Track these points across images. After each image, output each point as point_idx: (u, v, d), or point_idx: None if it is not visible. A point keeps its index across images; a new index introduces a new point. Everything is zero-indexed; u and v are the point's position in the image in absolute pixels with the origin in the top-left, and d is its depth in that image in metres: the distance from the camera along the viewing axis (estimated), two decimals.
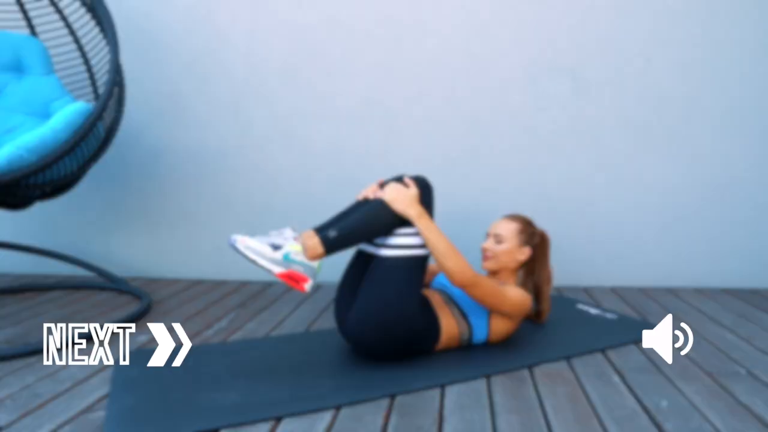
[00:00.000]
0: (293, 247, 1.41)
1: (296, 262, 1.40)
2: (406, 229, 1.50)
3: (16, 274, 2.70)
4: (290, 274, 1.39)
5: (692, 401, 1.29)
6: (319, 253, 1.43)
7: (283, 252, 1.39)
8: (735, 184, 2.33)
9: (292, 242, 1.42)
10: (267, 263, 1.38)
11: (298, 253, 1.41)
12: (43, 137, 1.83)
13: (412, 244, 1.49)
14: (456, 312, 1.59)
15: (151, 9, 2.49)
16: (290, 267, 1.40)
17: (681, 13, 2.28)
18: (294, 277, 1.40)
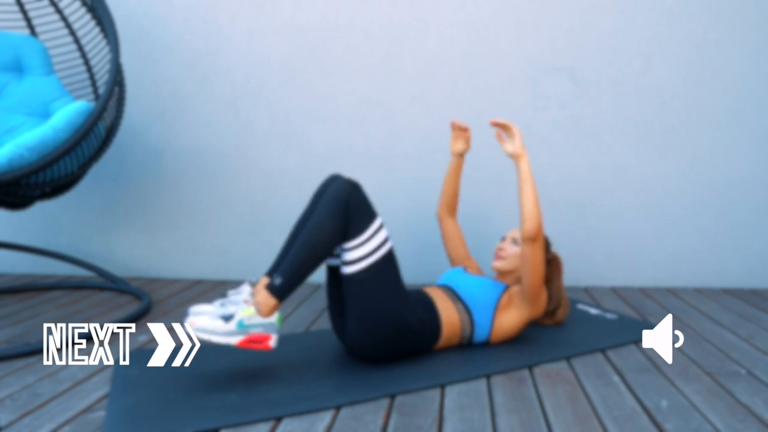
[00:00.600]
0: (245, 312, 1.35)
1: (253, 326, 1.35)
2: (356, 239, 1.43)
3: (16, 274, 2.70)
4: (249, 339, 1.35)
5: (692, 401, 1.29)
6: (273, 305, 1.37)
7: (236, 321, 1.34)
8: (735, 184, 2.33)
9: (243, 306, 1.36)
10: (222, 339, 1.32)
11: (252, 316, 1.36)
12: (44, 136, 1.83)
13: (369, 251, 1.44)
14: (461, 308, 1.59)
15: (151, 9, 2.49)
16: (248, 332, 1.35)
17: (681, 13, 2.28)
18: (255, 340, 1.35)
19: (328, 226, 1.40)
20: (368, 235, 1.44)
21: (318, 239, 1.39)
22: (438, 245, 2.44)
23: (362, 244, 1.43)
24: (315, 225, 1.40)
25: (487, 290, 1.62)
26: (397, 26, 2.39)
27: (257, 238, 2.55)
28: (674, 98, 2.32)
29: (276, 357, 1.58)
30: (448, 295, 1.62)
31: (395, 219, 2.46)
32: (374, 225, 1.45)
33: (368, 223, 1.44)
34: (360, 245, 1.43)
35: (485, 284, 1.64)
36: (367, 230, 1.44)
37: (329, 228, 1.40)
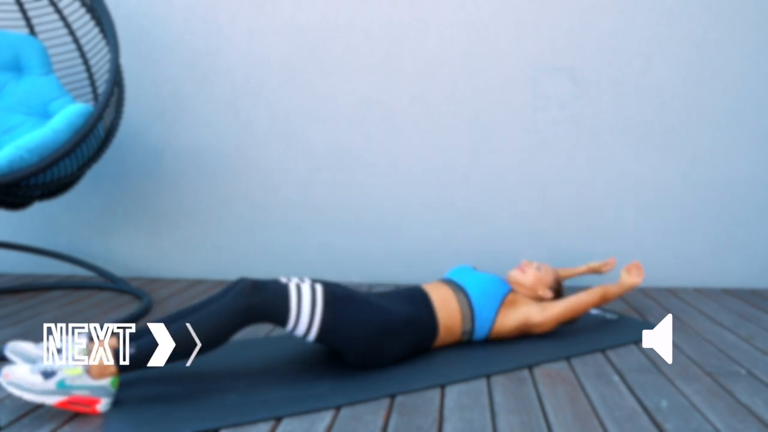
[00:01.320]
0: (70, 372, 1.20)
1: (77, 387, 1.21)
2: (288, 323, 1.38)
3: (16, 274, 2.70)
4: (71, 400, 1.20)
5: (692, 401, 1.29)
6: (110, 372, 1.23)
7: (57, 379, 1.19)
8: (735, 184, 2.33)
9: (70, 364, 1.22)
10: (37, 398, 1.18)
11: (78, 377, 1.21)
12: (44, 138, 1.83)
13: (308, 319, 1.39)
14: (462, 300, 1.60)
15: (151, 9, 2.49)
16: (70, 393, 1.20)
17: (681, 13, 2.28)
18: (79, 402, 1.21)
19: (212, 331, 1.30)
20: (294, 313, 1.38)
21: (193, 338, 1.28)
22: (440, 243, 2.44)
23: (297, 319, 1.38)
24: (201, 321, 1.30)
25: (494, 286, 1.64)
26: (397, 26, 2.39)
27: (257, 238, 2.55)
28: (674, 98, 2.32)
29: (276, 357, 1.58)
30: (451, 288, 1.62)
31: (396, 219, 2.46)
32: (292, 302, 1.38)
33: (286, 306, 1.37)
34: (296, 322, 1.39)
35: (493, 281, 1.66)
36: (290, 312, 1.38)
37: (212, 333, 1.30)
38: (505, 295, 1.64)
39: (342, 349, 1.44)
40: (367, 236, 2.47)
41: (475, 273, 1.71)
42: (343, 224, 2.48)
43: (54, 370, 1.21)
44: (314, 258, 2.51)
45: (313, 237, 2.51)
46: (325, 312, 1.40)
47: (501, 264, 2.41)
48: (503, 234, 2.42)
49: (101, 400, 1.24)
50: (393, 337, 1.47)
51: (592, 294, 1.72)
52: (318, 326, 1.40)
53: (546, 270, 1.82)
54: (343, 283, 2.49)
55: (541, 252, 2.41)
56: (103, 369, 1.23)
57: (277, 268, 2.52)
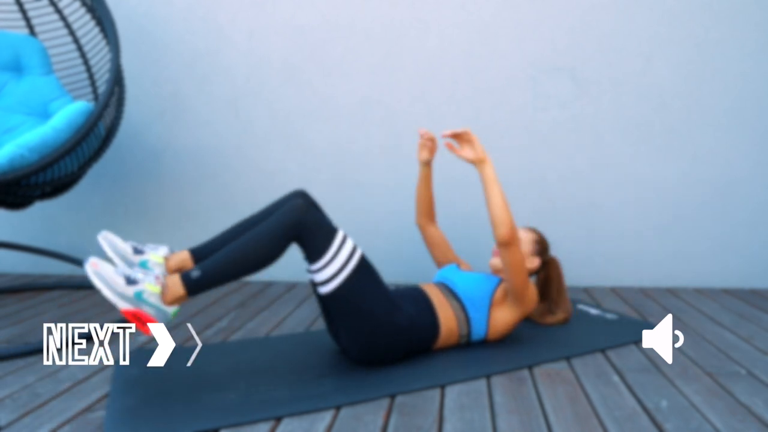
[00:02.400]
0: (150, 287, 1.27)
1: (148, 304, 1.26)
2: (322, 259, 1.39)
3: (16, 274, 2.70)
4: (136, 313, 1.25)
5: (692, 401, 1.29)
6: (180, 295, 1.29)
7: (136, 289, 1.25)
8: (735, 184, 2.33)
9: (152, 281, 1.28)
10: (113, 296, 1.23)
11: (154, 295, 1.27)
12: (45, 136, 1.83)
13: (338, 268, 1.40)
14: (456, 305, 1.59)
15: (151, 9, 2.49)
16: (140, 306, 1.25)
17: (682, 13, 2.28)
18: (141, 318, 1.25)
19: (267, 245, 1.34)
20: (332, 253, 1.40)
21: (252, 254, 1.33)
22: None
23: (329, 263, 1.40)
24: (255, 239, 1.34)
25: (480, 286, 1.61)
26: (397, 26, 2.39)
27: None
28: (675, 98, 2.32)
29: (276, 357, 1.58)
30: (444, 293, 1.61)
31: (395, 219, 2.46)
32: (336, 241, 1.41)
33: (329, 241, 1.40)
34: (327, 264, 1.40)
35: (479, 279, 1.63)
36: (329, 249, 1.39)
37: (267, 248, 1.34)
38: (493, 293, 1.60)
39: (343, 321, 1.43)
40: (367, 236, 2.47)
41: (461, 274, 1.68)
42: (343, 224, 2.48)
43: (136, 280, 1.26)
44: None
45: None
46: (353, 272, 1.41)
47: None
48: None
49: (159, 324, 1.29)
50: (395, 331, 1.46)
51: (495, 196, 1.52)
52: (340, 282, 1.40)
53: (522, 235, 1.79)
54: None
55: None
56: (175, 293, 1.29)
57: (277, 269, 2.52)
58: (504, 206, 1.50)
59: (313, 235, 1.39)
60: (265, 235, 1.35)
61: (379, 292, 1.45)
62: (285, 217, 1.37)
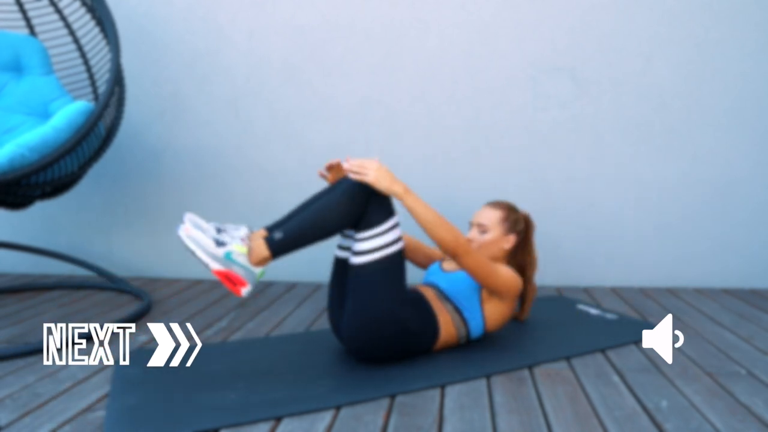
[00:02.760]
0: (238, 248, 1.34)
1: (237, 264, 1.34)
2: (371, 230, 1.44)
3: (16, 274, 2.70)
4: (228, 274, 1.33)
5: (692, 401, 1.29)
6: (265, 256, 1.36)
7: (225, 250, 1.33)
8: (735, 184, 2.33)
9: (239, 243, 1.35)
10: (205, 257, 1.31)
11: (242, 255, 1.34)
12: (45, 136, 1.83)
13: (381, 245, 1.44)
14: (450, 308, 1.58)
15: (151, 9, 2.49)
16: (230, 267, 1.33)
17: (682, 13, 2.28)
18: (231, 278, 1.33)
19: (345, 206, 1.41)
20: (383, 229, 1.44)
21: (331, 215, 1.40)
22: None
23: (375, 236, 1.44)
24: (333, 200, 1.41)
25: (466, 284, 1.59)
26: (397, 26, 2.39)
27: None
28: (675, 98, 2.32)
29: (276, 357, 1.58)
30: (438, 296, 1.59)
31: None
32: (390, 222, 1.46)
33: (385, 218, 1.45)
34: (372, 237, 1.44)
35: (463, 278, 1.60)
36: (382, 224, 1.44)
37: (345, 209, 1.41)
38: (480, 290, 1.58)
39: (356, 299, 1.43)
40: None
41: (445, 275, 1.64)
42: None
43: (225, 242, 1.33)
44: (314, 258, 2.51)
45: None
46: (389, 256, 1.44)
47: None
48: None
49: (247, 285, 1.35)
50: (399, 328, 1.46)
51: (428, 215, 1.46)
52: (374, 258, 1.43)
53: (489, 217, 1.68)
54: None
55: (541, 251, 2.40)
56: (260, 253, 1.36)
57: (277, 268, 2.52)
58: (439, 223, 1.43)
59: (378, 205, 1.44)
60: (343, 198, 1.41)
61: (399, 289, 1.47)
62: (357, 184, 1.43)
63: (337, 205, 1.41)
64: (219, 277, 1.32)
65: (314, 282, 2.53)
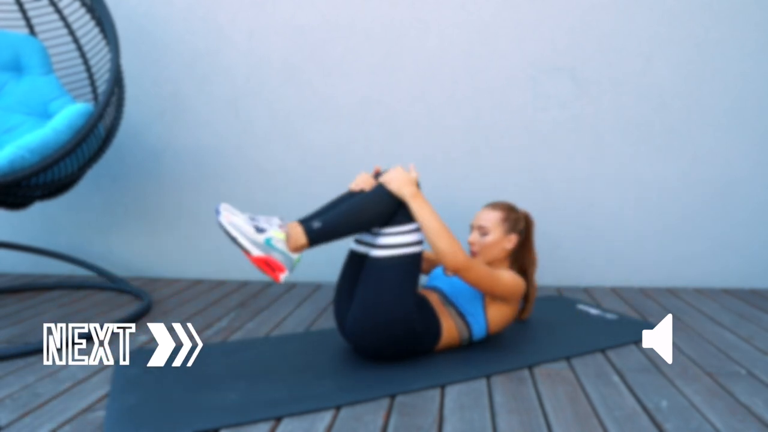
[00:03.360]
0: (277, 234, 1.37)
1: (277, 250, 1.37)
2: (396, 227, 1.48)
3: (16, 274, 2.70)
4: (268, 260, 1.36)
5: (692, 401, 1.29)
6: (302, 243, 1.40)
7: (265, 236, 1.36)
8: (735, 184, 2.33)
9: (277, 229, 1.38)
10: (247, 243, 1.34)
11: (281, 242, 1.38)
12: (45, 138, 1.83)
13: (403, 242, 1.47)
14: (453, 312, 1.58)
15: (151, 9, 2.49)
16: (270, 253, 1.36)
17: (682, 13, 2.28)
18: (271, 265, 1.36)
19: (383, 202, 1.46)
20: (407, 228, 1.48)
21: (368, 209, 1.45)
22: None
23: (399, 234, 1.47)
24: (371, 196, 1.47)
25: (469, 288, 1.59)
26: (397, 26, 2.39)
27: None
28: (675, 98, 2.32)
29: (276, 357, 1.58)
30: (441, 300, 1.60)
31: None
32: (415, 224, 1.50)
33: (411, 219, 1.49)
34: (396, 234, 1.47)
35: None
36: (408, 224, 1.48)
37: (382, 204, 1.46)
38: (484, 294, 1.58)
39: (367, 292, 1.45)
40: None
41: (449, 280, 1.65)
42: None
43: (264, 228, 1.36)
44: (314, 258, 2.51)
45: None
46: (407, 255, 1.47)
47: None
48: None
49: (286, 270, 1.38)
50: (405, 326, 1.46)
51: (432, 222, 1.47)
52: (393, 254, 1.45)
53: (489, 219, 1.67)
54: None
55: (541, 251, 2.41)
56: (298, 240, 1.39)
57: None
58: (442, 235, 1.44)
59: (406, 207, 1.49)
60: (379, 194, 1.47)
61: (410, 287, 1.48)
62: None
63: (373, 203, 1.46)
64: (258, 264, 1.35)
65: (314, 282, 2.53)
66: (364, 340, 1.49)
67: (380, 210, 1.47)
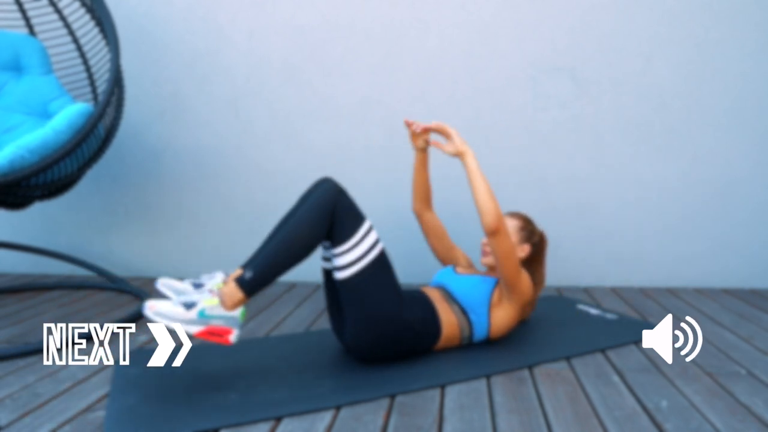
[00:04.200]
0: (208, 302, 1.32)
1: (214, 317, 1.32)
2: (345, 244, 1.42)
3: (16, 274, 2.70)
4: (209, 330, 1.31)
5: (692, 401, 1.29)
6: (239, 299, 1.34)
7: (197, 310, 1.30)
8: (735, 184, 2.33)
9: (208, 296, 1.33)
10: (182, 326, 1.28)
11: (215, 307, 1.32)
12: (45, 138, 1.84)
13: (360, 254, 1.43)
14: (456, 309, 1.59)
15: (151, 9, 2.49)
16: (208, 323, 1.31)
17: (682, 13, 2.28)
18: (215, 332, 1.32)
19: (308, 228, 1.40)
20: (357, 239, 1.43)
21: (296, 240, 1.38)
22: None
23: (351, 248, 1.43)
24: (295, 225, 1.40)
25: (478, 289, 1.61)
26: (397, 26, 2.39)
27: (257, 238, 2.54)
28: (675, 98, 2.32)
29: (276, 357, 1.58)
30: (444, 297, 1.61)
31: (395, 218, 2.46)
32: (362, 229, 1.45)
33: (356, 227, 1.44)
34: (349, 250, 1.43)
35: (475, 283, 1.62)
36: (355, 235, 1.43)
37: (309, 231, 1.40)
38: (491, 295, 1.60)
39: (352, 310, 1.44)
40: None
41: (458, 278, 1.66)
42: None
43: (194, 302, 1.31)
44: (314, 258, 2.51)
45: None
46: (372, 262, 1.44)
47: None
48: None
49: (233, 330, 1.33)
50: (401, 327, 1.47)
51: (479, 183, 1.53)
52: (358, 269, 1.42)
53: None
54: None
55: None
56: (233, 297, 1.33)
57: None
58: (488, 195, 1.49)
59: (344, 217, 1.43)
60: (304, 220, 1.40)
61: (391, 288, 1.47)
62: (321, 199, 1.42)
63: (301, 229, 1.39)
64: (203, 337, 1.30)
65: (314, 282, 2.53)
66: (368, 352, 1.49)
67: (313, 234, 1.40)
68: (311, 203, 1.42)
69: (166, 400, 1.30)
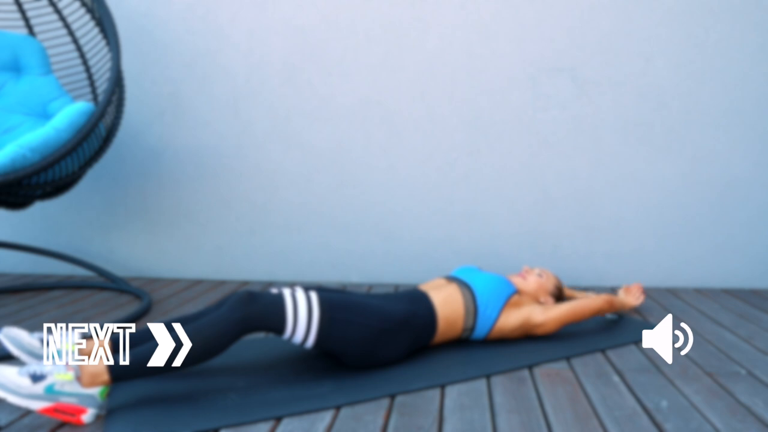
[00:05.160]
0: (61, 377, 1.15)
1: (65, 394, 1.15)
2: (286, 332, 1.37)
3: (16, 274, 2.70)
4: (57, 407, 1.15)
5: (692, 401, 1.29)
6: (102, 381, 1.18)
7: (45, 384, 1.14)
8: (735, 184, 2.33)
9: (62, 371, 1.16)
10: (21, 401, 1.11)
11: (68, 383, 1.16)
12: (46, 137, 1.84)
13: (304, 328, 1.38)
14: (467, 295, 1.61)
15: (151, 9, 2.49)
16: (57, 400, 1.15)
17: (681, 14, 2.28)
18: (64, 410, 1.15)
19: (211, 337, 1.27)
20: (291, 320, 1.37)
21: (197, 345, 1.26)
22: (440, 243, 2.44)
23: (294, 329, 1.38)
24: (199, 330, 1.27)
25: (500, 286, 1.65)
26: (397, 26, 2.39)
27: (257, 238, 2.55)
28: (675, 98, 2.32)
29: (276, 357, 1.58)
30: (456, 284, 1.63)
31: (396, 219, 2.46)
32: (288, 308, 1.37)
33: (281, 313, 1.36)
34: (294, 330, 1.38)
35: (499, 281, 1.67)
36: (286, 319, 1.36)
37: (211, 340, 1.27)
38: (510, 296, 1.65)
39: (341, 353, 1.44)
40: (367, 236, 2.47)
41: (482, 273, 1.72)
42: (343, 224, 2.48)
43: (44, 374, 1.15)
44: (314, 258, 2.51)
45: (313, 237, 2.51)
46: (321, 318, 1.39)
47: (501, 264, 2.42)
48: (503, 234, 2.42)
49: (88, 410, 1.19)
50: (390, 337, 1.47)
51: (598, 300, 1.73)
52: (315, 333, 1.39)
53: (547, 276, 1.84)
54: (342, 283, 2.49)
55: (542, 252, 2.41)
56: (95, 377, 1.18)
57: (277, 268, 2.53)
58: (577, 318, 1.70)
59: (265, 319, 1.34)
60: (209, 326, 1.28)
61: (358, 310, 1.43)
62: (230, 313, 1.30)
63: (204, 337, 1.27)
64: (48, 414, 1.14)
65: (314, 282, 2.53)
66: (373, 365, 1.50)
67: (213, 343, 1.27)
68: (222, 314, 1.31)
69: (166, 400, 1.30)
